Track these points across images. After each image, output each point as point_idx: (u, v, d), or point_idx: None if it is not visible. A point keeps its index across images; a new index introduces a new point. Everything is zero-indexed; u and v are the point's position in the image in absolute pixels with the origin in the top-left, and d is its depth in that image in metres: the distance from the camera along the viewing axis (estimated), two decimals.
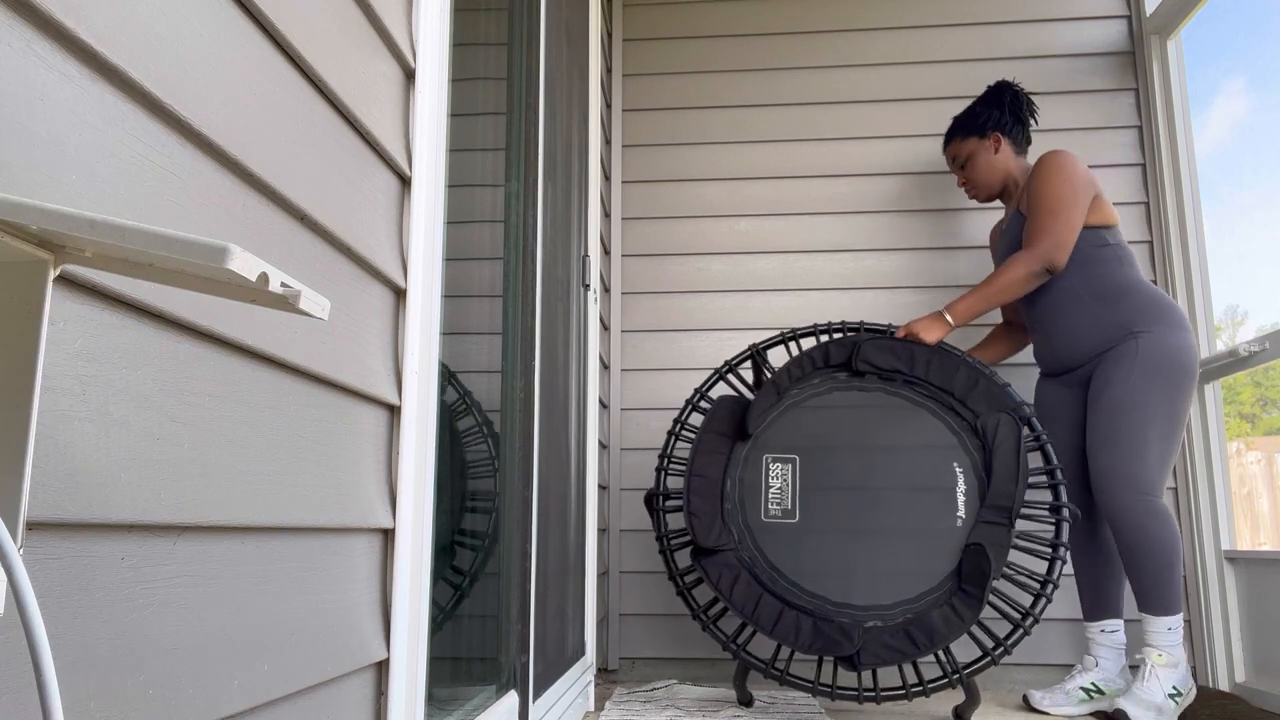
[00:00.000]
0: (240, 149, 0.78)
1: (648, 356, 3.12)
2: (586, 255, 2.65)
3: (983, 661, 2.23)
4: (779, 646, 2.30)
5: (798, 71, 3.23)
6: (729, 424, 2.47)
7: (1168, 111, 2.98)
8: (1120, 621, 2.45)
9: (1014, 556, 2.78)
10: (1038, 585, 2.28)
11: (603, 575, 2.95)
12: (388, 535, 1.09)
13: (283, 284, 0.48)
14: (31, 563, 0.55)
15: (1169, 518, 2.31)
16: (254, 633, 0.79)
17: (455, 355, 1.69)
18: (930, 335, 2.44)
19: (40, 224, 0.45)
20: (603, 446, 3.01)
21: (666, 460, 2.55)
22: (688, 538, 2.40)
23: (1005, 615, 2.26)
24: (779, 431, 2.47)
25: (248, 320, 0.79)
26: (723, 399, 2.50)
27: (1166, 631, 2.27)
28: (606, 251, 3.14)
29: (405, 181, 1.17)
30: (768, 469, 2.44)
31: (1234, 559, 2.66)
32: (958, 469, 2.35)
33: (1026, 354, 2.87)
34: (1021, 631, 2.22)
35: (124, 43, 0.64)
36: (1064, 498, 2.29)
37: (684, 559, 2.86)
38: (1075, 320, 2.48)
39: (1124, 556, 2.33)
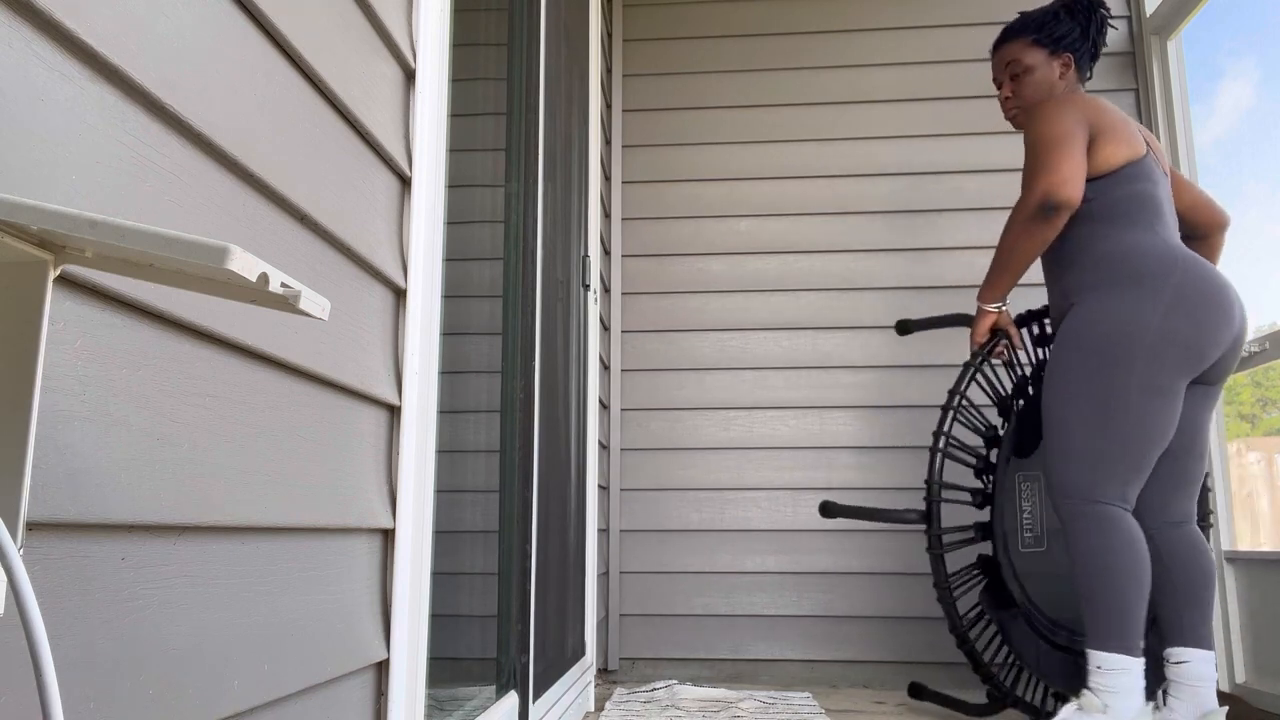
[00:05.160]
0: (240, 149, 0.78)
1: (648, 356, 3.12)
2: (586, 255, 2.65)
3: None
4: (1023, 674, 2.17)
5: (798, 72, 3.23)
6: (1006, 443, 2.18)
7: (1168, 112, 2.98)
8: (1191, 650, 1.95)
9: None
10: None
11: (603, 575, 2.95)
12: (388, 535, 1.09)
13: (283, 284, 0.48)
14: (31, 563, 0.55)
15: (1103, 528, 1.91)
16: (254, 633, 0.79)
17: (455, 355, 1.69)
18: (977, 330, 2.27)
19: (40, 224, 0.45)
20: (603, 447, 3.01)
21: (938, 487, 2.19)
22: (965, 581, 2.20)
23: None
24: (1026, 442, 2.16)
25: (248, 320, 0.79)
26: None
27: (1095, 670, 1.89)
28: (606, 251, 3.14)
29: (405, 182, 1.17)
30: (1019, 489, 2.18)
31: (1234, 559, 2.66)
32: None
33: None
34: None
35: (124, 43, 0.64)
36: None
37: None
38: (1049, 293, 2.20)
39: None
